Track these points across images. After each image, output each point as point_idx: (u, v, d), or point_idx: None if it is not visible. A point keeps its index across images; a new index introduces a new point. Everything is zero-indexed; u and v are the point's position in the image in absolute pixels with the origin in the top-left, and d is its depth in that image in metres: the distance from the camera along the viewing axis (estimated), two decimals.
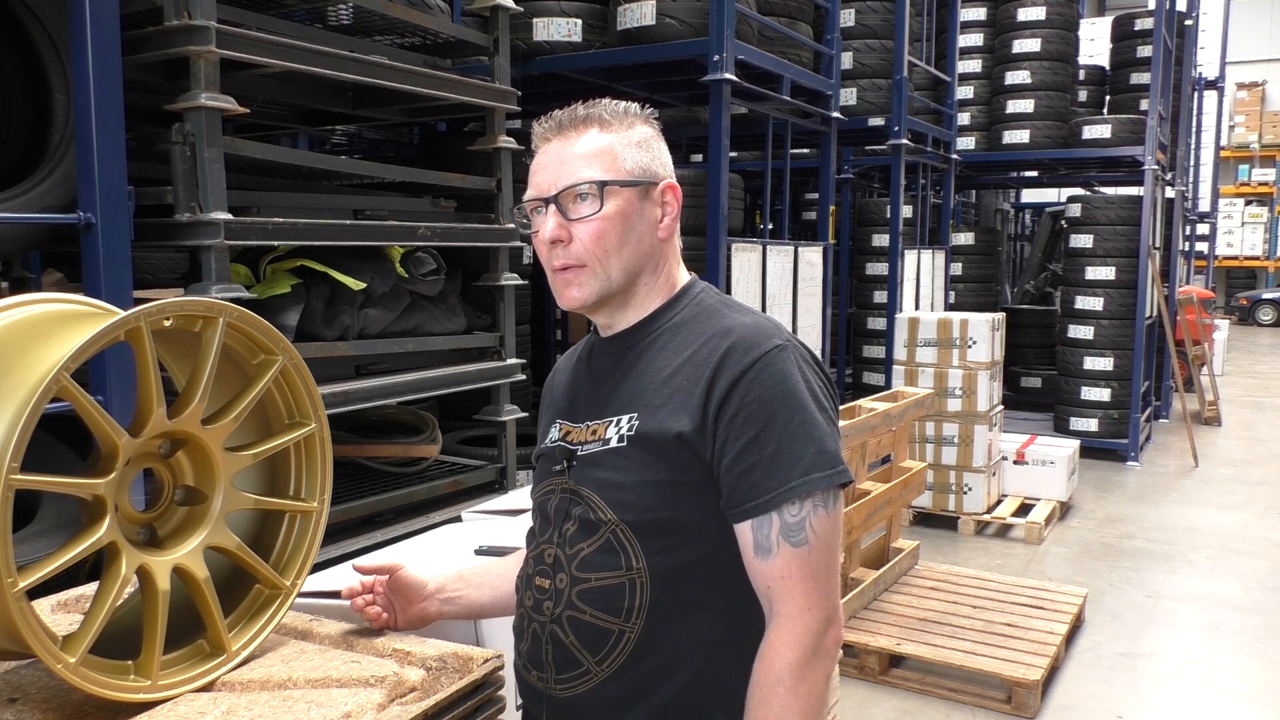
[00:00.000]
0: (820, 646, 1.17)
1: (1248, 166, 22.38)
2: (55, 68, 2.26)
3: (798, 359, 1.21)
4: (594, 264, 1.24)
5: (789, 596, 1.17)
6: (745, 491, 1.17)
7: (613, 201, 1.23)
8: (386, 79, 2.88)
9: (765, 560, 1.17)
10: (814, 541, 1.16)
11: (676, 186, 1.30)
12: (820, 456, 1.16)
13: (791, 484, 1.15)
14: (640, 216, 1.26)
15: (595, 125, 1.25)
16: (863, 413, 4.12)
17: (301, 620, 1.50)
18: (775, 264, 5.03)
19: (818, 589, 1.17)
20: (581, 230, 1.23)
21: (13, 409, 1.11)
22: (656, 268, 1.30)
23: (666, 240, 1.30)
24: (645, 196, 1.26)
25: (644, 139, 1.28)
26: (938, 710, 3.48)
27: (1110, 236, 7.57)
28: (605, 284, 1.25)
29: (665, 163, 1.30)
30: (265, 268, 2.83)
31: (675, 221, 1.30)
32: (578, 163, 1.23)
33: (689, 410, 1.19)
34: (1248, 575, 4.97)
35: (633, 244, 1.25)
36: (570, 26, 4.69)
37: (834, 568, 1.19)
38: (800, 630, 1.16)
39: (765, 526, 1.17)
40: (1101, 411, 7.61)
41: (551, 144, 1.26)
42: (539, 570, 1.29)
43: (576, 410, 1.33)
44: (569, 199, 1.23)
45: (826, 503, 1.17)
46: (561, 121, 1.26)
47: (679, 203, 1.31)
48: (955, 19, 7.66)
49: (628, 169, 1.24)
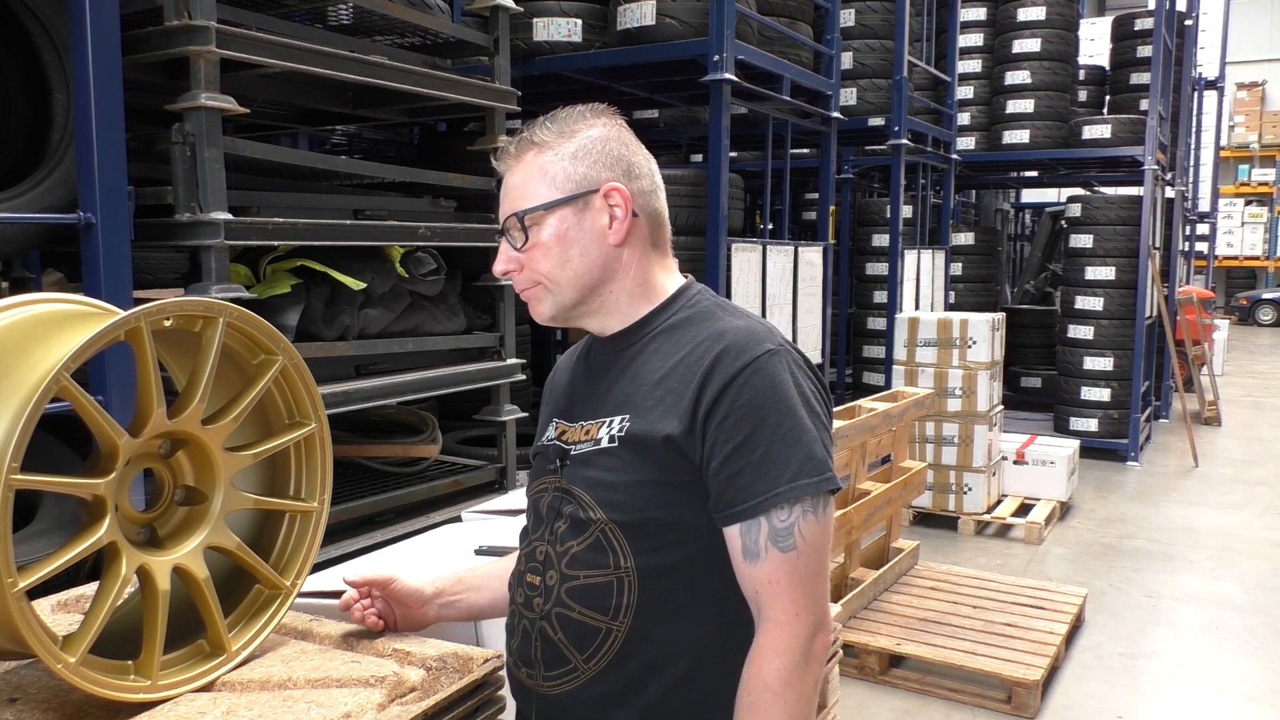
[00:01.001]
0: (809, 652, 1.16)
1: (1248, 166, 22.38)
2: (55, 68, 2.26)
3: (790, 364, 1.20)
4: (546, 283, 1.27)
5: (777, 602, 1.16)
6: (732, 495, 1.17)
7: (545, 225, 1.24)
8: (386, 79, 2.88)
9: (754, 565, 1.17)
10: (803, 547, 1.16)
11: (621, 187, 1.24)
12: (808, 463, 1.16)
13: (778, 489, 1.15)
14: (580, 229, 1.24)
15: (531, 149, 1.26)
16: (863, 413, 4.12)
17: (301, 620, 1.50)
18: (775, 264, 5.03)
19: (806, 595, 1.16)
20: (528, 258, 1.26)
21: (13, 409, 1.11)
22: (618, 274, 1.27)
23: (621, 244, 1.26)
24: (585, 208, 1.24)
25: (583, 147, 1.24)
26: (938, 710, 3.48)
27: (1110, 236, 7.57)
28: (560, 300, 1.27)
29: (613, 162, 1.25)
30: (265, 268, 2.83)
31: (625, 223, 1.25)
32: (511, 195, 1.27)
33: (678, 413, 1.20)
34: (1248, 575, 4.97)
35: (576, 259, 1.24)
36: (570, 26, 4.69)
37: (823, 573, 1.19)
38: (788, 636, 1.16)
39: (754, 531, 1.16)
40: (1101, 411, 7.61)
41: (505, 175, 1.29)
42: (530, 567, 1.30)
43: (572, 410, 1.33)
44: (512, 231, 1.26)
45: (816, 508, 1.17)
46: (508, 152, 1.28)
47: (629, 202, 1.25)
48: (955, 19, 7.66)
49: (559, 186, 1.24)
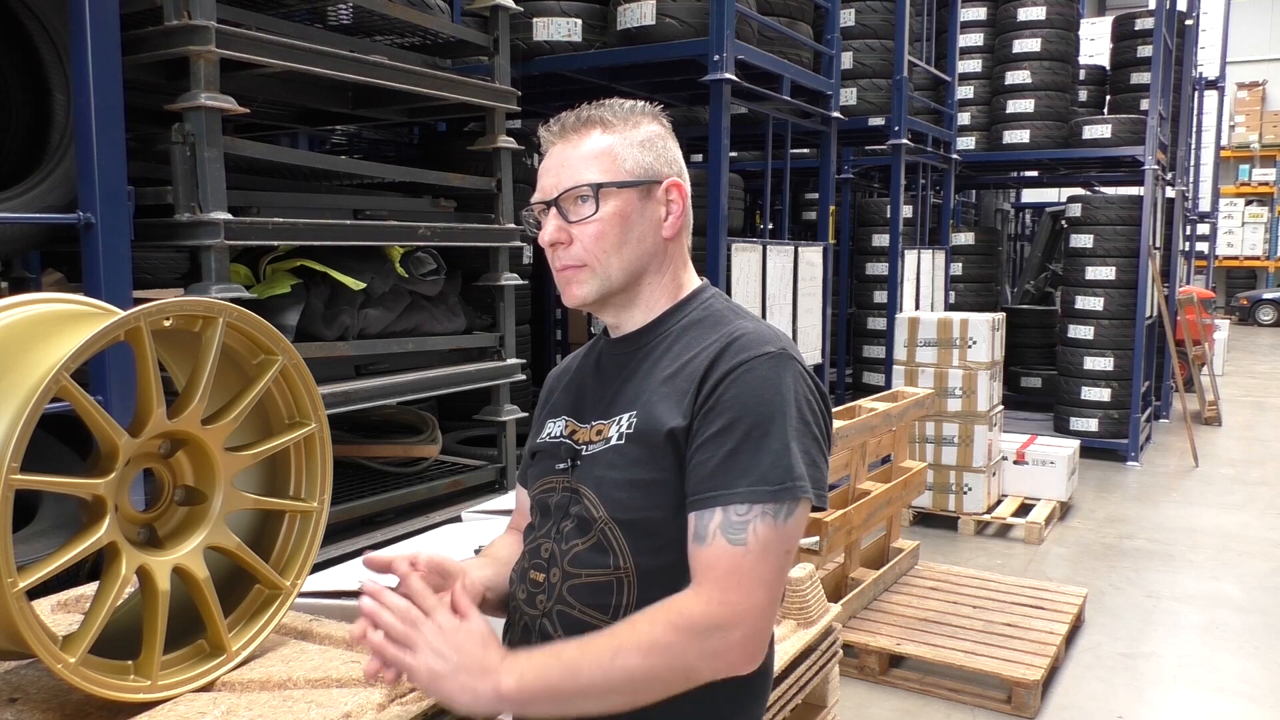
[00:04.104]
0: (706, 640, 1.09)
1: (1248, 166, 22.37)
2: (55, 68, 2.27)
3: (790, 370, 1.20)
4: (594, 263, 1.26)
5: (708, 580, 1.12)
6: (693, 485, 1.16)
7: (611, 202, 1.24)
8: (386, 79, 2.88)
9: (699, 546, 1.14)
10: (752, 544, 1.11)
11: (682, 184, 1.29)
12: (774, 469, 1.13)
13: (735, 489, 1.13)
14: (641, 216, 1.26)
15: (597, 127, 1.27)
16: (863, 413, 4.12)
17: (301, 620, 1.50)
18: (775, 264, 5.03)
19: (739, 589, 1.10)
20: (581, 231, 1.25)
21: (13, 409, 1.11)
22: (661, 267, 1.30)
23: (672, 239, 1.30)
24: (647, 196, 1.27)
25: (649, 138, 1.28)
26: (938, 710, 3.48)
27: (1110, 236, 7.56)
28: (606, 283, 1.27)
29: (671, 160, 1.30)
30: (265, 268, 2.83)
31: (680, 219, 1.30)
32: (577, 165, 1.25)
33: (681, 407, 1.20)
34: (1248, 575, 4.97)
35: (633, 243, 1.26)
36: (570, 26, 4.69)
37: (766, 581, 1.12)
38: (699, 613, 1.09)
39: (707, 518, 1.14)
40: (1101, 411, 7.61)
41: (555, 147, 1.28)
42: (534, 563, 1.30)
43: (583, 410, 1.33)
44: (569, 201, 1.25)
45: (778, 513, 1.13)
46: (565, 124, 1.28)
47: (685, 201, 1.30)
48: (955, 19, 7.66)
49: (628, 169, 1.25)
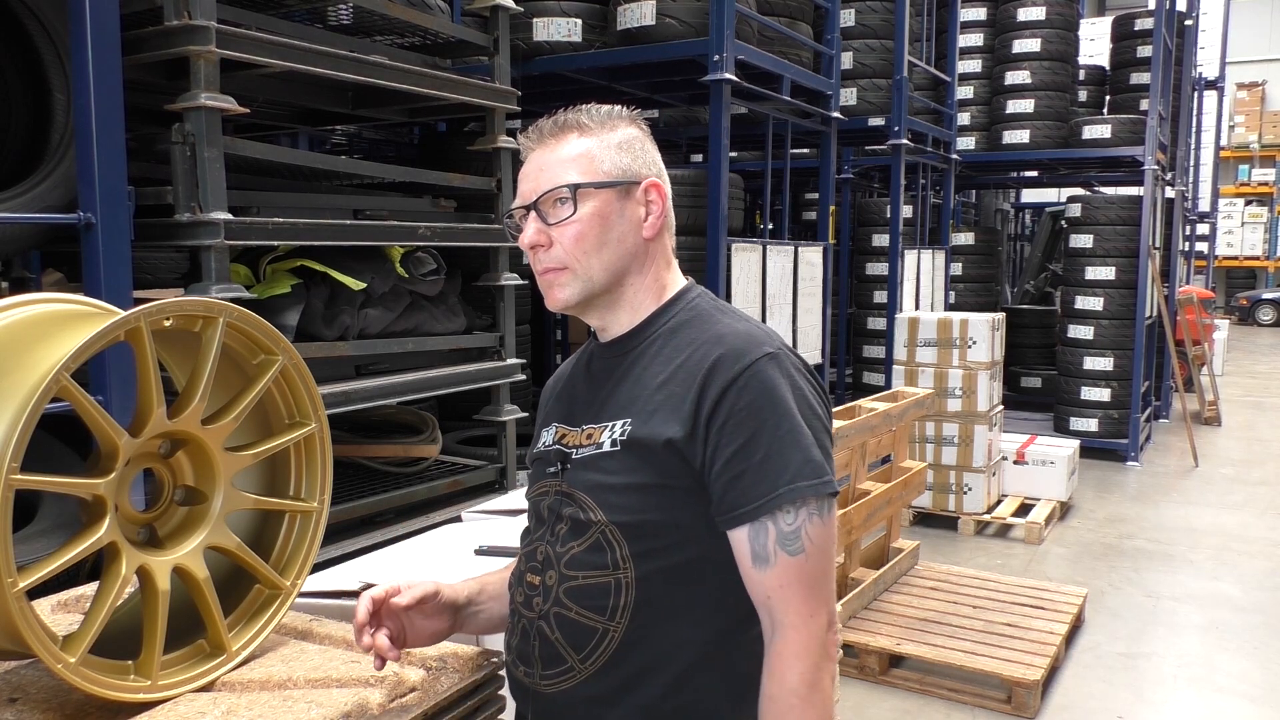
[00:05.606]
0: (825, 652, 1.19)
1: (1248, 166, 22.38)
2: (55, 68, 2.26)
3: (788, 367, 1.22)
4: (575, 265, 1.26)
5: (790, 607, 1.18)
6: (735, 498, 1.18)
7: (589, 203, 1.25)
8: (386, 79, 2.88)
9: (763, 570, 1.18)
10: (810, 549, 1.18)
11: (660, 185, 1.29)
12: (806, 465, 1.18)
13: (779, 490, 1.16)
14: (620, 216, 1.27)
15: (574, 131, 1.27)
16: (863, 413, 4.12)
17: (301, 620, 1.50)
18: (775, 264, 5.03)
19: (816, 596, 1.18)
20: (561, 234, 1.25)
21: (13, 409, 1.11)
22: (643, 268, 1.30)
23: (653, 239, 1.30)
24: (626, 196, 1.27)
25: (626, 140, 1.28)
26: (938, 710, 3.48)
27: (1110, 236, 7.57)
28: (588, 284, 1.27)
29: (650, 161, 1.30)
30: (265, 268, 2.83)
31: (661, 219, 1.30)
32: (555, 169, 1.26)
33: (680, 417, 1.21)
34: (1248, 575, 4.97)
35: (613, 244, 1.26)
36: (570, 26, 4.69)
37: (830, 574, 1.21)
38: (806, 638, 1.18)
39: (761, 536, 1.18)
40: (1101, 411, 7.61)
41: (534, 153, 1.29)
42: (530, 567, 1.30)
43: (574, 415, 1.34)
44: (547, 204, 1.25)
45: (820, 511, 1.19)
46: (543, 130, 1.29)
47: (665, 201, 1.30)
48: (955, 19, 7.66)
49: (605, 170, 1.26)
